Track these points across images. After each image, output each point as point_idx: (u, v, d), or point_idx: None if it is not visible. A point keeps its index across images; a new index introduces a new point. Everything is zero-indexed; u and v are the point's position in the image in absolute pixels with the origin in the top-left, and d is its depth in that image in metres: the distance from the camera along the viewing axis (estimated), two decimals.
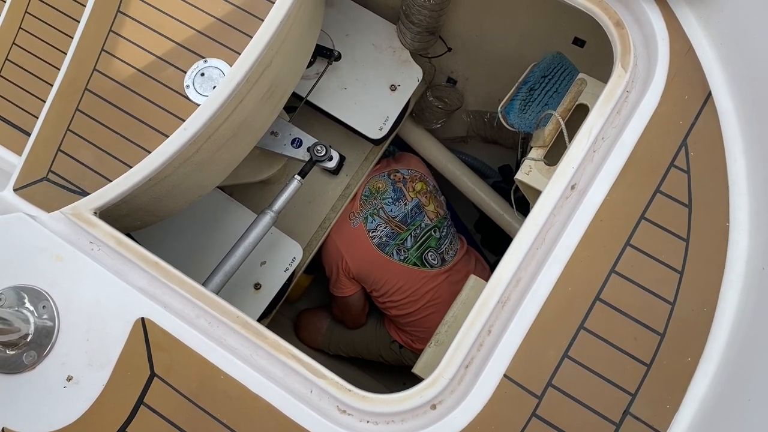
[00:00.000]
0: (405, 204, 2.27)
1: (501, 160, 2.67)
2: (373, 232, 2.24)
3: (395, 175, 2.35)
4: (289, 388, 1.27)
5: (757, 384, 1.08)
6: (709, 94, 1.33)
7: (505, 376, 1.22)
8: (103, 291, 1.32)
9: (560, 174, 1.34)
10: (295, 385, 1.28)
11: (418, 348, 2.38)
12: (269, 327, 2.30)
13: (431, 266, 2.24)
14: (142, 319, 1.30)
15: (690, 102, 1.33)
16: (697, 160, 1.30)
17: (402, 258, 2.22)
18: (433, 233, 2.27)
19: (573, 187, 1.34)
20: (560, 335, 1.23)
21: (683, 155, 1.30)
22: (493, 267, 2.37)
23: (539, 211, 1.32)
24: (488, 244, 2.81)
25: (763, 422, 1.05)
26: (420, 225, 2.26)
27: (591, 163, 1.35)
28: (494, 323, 1.28)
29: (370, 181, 2.32)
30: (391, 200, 2.28)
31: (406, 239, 2.25)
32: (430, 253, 2.25)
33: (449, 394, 1.26)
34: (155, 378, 1.27)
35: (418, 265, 2.23)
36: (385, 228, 2.23)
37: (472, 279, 1.87)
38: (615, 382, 1.20)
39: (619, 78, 1.37)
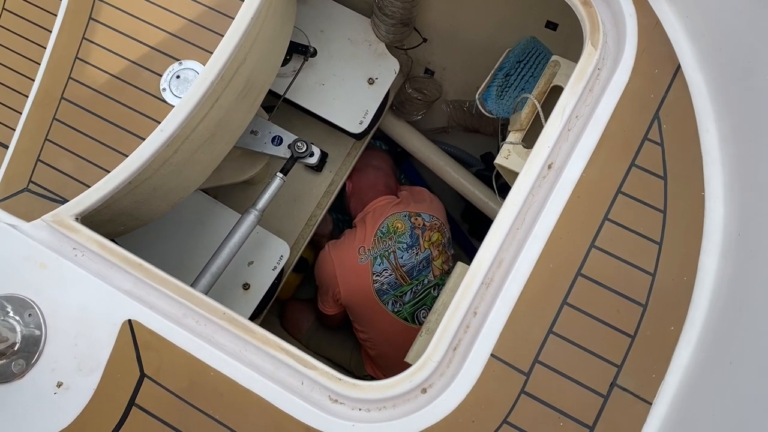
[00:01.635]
0: (416, 253, 2.17)
1: (483, 148, 2.68)
2: (377, 276, 2.13)
3: (416, 219, 2.22)
4: (280, 381, 1.27)
5: (738, 347, 1.10)
6: (678, 66, 1.35)
7: (492, 355, 1.23)
8: (88, 296, 1.32)
9: (536, 154, 1.35)
10: (286, 378, 1.28)
11: None
12: (260, 326, 2.34)
13: (420, 323, 2.20)
14: (129, 321, 1.30)
15: (660, 76, 1.34)
16: (670, 133, 1.31)
17: (395, 310, 2.15)
18: (432, 291, 2.20)
19: (550, 166, 1.36)
20: (544, 312, 1.25)
21: (656, 128, 1.31)
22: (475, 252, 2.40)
23: (517, 192, 1.33)
24: (476, 233, 2.82)
25: (744, 383, 1.07)
26: (423, 281, 2.18)
27: (566, 141, 1.37)
28: (479, 305, 1.29)
29: (390, 217, 2.18)
30: (405, 246, 2.15)
31: (406, 293, 2.16)
32: (422, 311, 2.18)
33: (439, 377, 1.27)
34: (145, 378, 1.27)
35: (408, 321, 2.17)
36: (390, 275, 2.13)
37: (459, 266, 1.87)
38: (601, 354, 1.22)
39: (589, 56, 1.38)
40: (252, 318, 2.15)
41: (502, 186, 2.42)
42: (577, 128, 1.36)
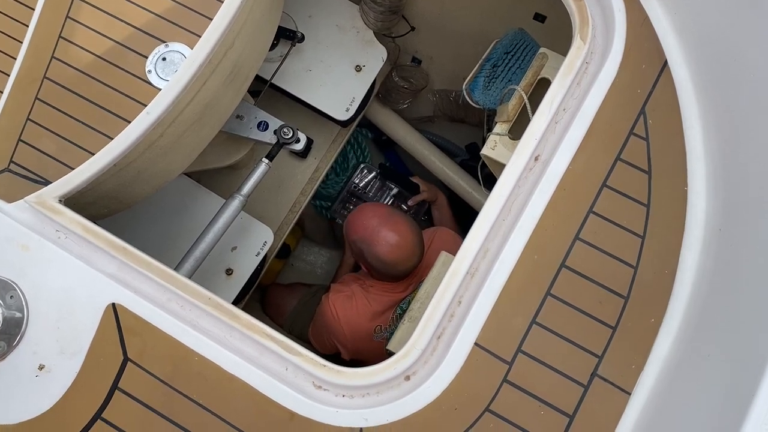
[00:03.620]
0: None
1: (468, 138, 2.68)
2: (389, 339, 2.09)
3: None
4: (265, 366, 1.28)
5: (715, 340, 1.13)
6: (665, 62, 1.36)
7: (476, 344, 1.25)
8: (71, 279, 1.31)
9: (523, 146, 1.36)
10: (270, 364, 1.29)
11: None
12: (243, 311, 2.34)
13: None
14: (113, 304, 1.29)
15: (647, 71, 1.36)
16: (656, 128, 1.33)
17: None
18: None
19: (536, 158, 1.37)
20: (528, 302, 1.26)
21: (642, 123, 1.33)
22: None
23: (504, 183, 1.34)
24: (459, 222, 2.83)
25: (720, 375, 1.10)
26: None
27: (553, 134, 1.38)
28: (464, 294, 1.31)
29: (413, 291, 2.00)
30: None
31: None
32: None
33: (422, 365, 1.28)
34: (129, 362, 1.27)
35: None
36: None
37: (443, 255, 1.89)
38: (582, 345, 1.24)
39: (578, 50, 1.39)
40: (234, 303, 2.12)
41: (487, 176, 2.45)
42: (564, 121, 1.38)
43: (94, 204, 1.58)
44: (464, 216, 2.72)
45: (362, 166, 2.50)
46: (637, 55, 1.37)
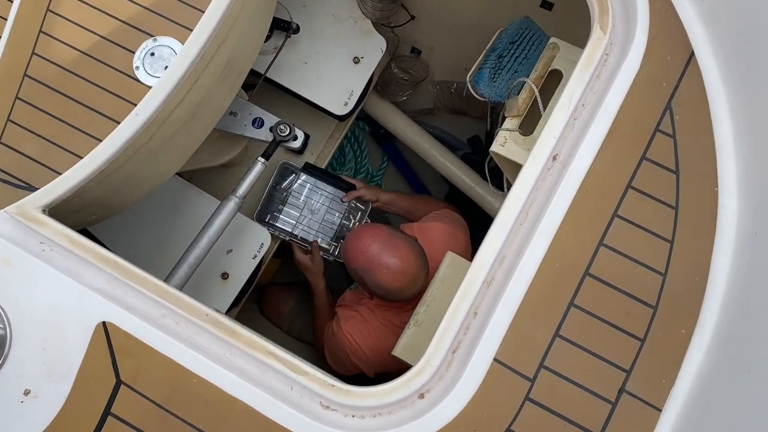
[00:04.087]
0: None
1: (469, 131, 2.60)
2: None
3: None
4: (268, 386, 1.19)
5: (757, 354, 1.05)
6: (692, 53, 1.28)
7: (495, 359, 1.17)
8: (57, 295, 1.23)
9: (541, 145, 1.27)
10: (274, 383, 1.20)
11: None
12: (239, 314, 2.25)
13: None
14: (103, 323, 1.21)
15: (672, 63, 1.28)
16: (683, 124, 1.25)
17: None
18: None
19: (555, 158, 1.28)
20: (550, 314, 1.19)
21: (668, 119, 1.25)
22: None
23: (521, 186, 1.26)
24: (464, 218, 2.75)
25: (764, 392, 1.02)
26: None
27: (572, 131, 1.29)
28: (480, 305, 1.22)
29: None
30: None
31: None
32: None
33: (437, 381, 1.20)
34: (122, 386, 1.18)
35: None
36: None
37: (449, 256, 1.80)
38: (609, 359, 1.17)
39: (597, 41, 1.30)
40: (230, 308, 2.06)
41: (491, 171, 2.36)
42: (584, 118, 1.29)
43: (81, 212, 1.49)
44: (466, 211, 2.64)
45: (281, 163, 2.22)
46: (661, 45, 1.29)
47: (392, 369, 1.89)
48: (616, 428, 1.13)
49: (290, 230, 2.15)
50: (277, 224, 2.14)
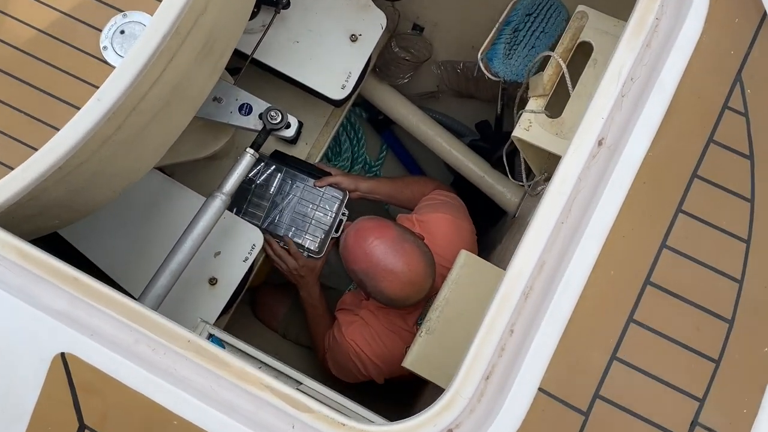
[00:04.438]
0: None
1: (477, 115, 2.43)
2: None
3: None
4: (264, 425, 1.01)
5: None
6: (765, 14, 1.11)
7: (540, 389, 0.99)
8: (5, 321, 1.04)
9: (586, 128, 1.09)
10: (272, 421, 1.02)
11: None
12: (231, 320, 2.07)
13: None
14: (62, 354, 1.02)
15: (741, 26, 1.11)
16: (756, 99, 1.09)
17: None
18: None
19: (600, 143, 1.09)
20: (605, 332, 1.02)
21: (738, 94, 1.09)
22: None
23: (563, 178, 1.07)
24: (471, 213, 2.58)
25: None
26: None
27: (620, 111, 1.10)
28: (517, 321, 1.03)
29: (429, 302, 1.78)
30: None
31: None
32: None
33: (468, 415, 1.01)
34: (86, 431, 0.98)
35: None
36: None
37: (463, 255, 1.62)
38: (677, 386, 1.00)
39: (649, 2, 1.10)
40: (221, 314, 1.87)
41: (499, 159, 2.17)
42: (633, 94, 1.11)
43: (40, 216, 1.30)
44: (472, 201, 2.47)
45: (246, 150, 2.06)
46: (726, 6, 1.11)
47: (402, 373, 1.75)
48: None
49: (258, 224, 1.95)
50: (244, 218, 1.92)
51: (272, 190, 1.98)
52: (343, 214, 1.95)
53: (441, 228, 1.76)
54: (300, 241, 1.95)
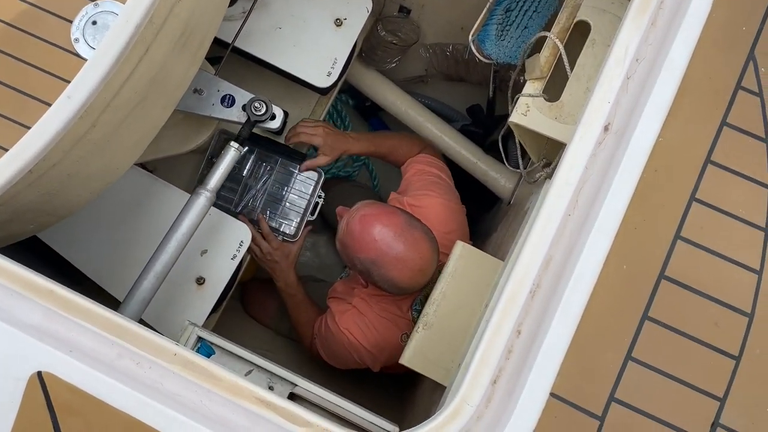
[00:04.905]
0: None
1: (468, 99, 2.39)
2: None
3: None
4: None
5: None
6: None
7: (552, 394, 0.93)
8: None
9: (591, 113, 1.03)
10: None
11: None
12: (220, 318, 2.01)
13: None
14: (39, 373, 0.95)
15: (753, 1, 1.04)
16: None
17: None
18: None
19: (606, 129, 1.02)
20: (619, 330, 0.97)
21: (752, 72, 1.03)
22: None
23: (570, 166, 1.01)
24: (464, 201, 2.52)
25: None
26: None
27: (626, 93, 1.03)
28: (524, 320, 0.97)
29: (422, 289, 1.72)
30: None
31: None
32: None
33: (475, 422, 0.95)
34: None
35: None
36: None
37: (459, 246, 1.57)
38: (696, 385, 0.95)
39: None
40: (209, 314, 1.81)
41: (492, 144, 2.11)
42: (639, 76, 1.04)
43: (13, 222, 1.22)
44: (467, 190, 2.42)
45: (219, 131, 1.96)
46: None
47: (399, 361, 1.70)
48: None
49: (231, 207, 1.89)
50: (217, 203, 1.85)
51: (245, 172, 1.92)
52: (319, 196, 1.90)
53: (435, 214, 1.71)
54: (275, 225, 1.89)
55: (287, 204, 1.94)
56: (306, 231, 1.89)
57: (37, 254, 1.57)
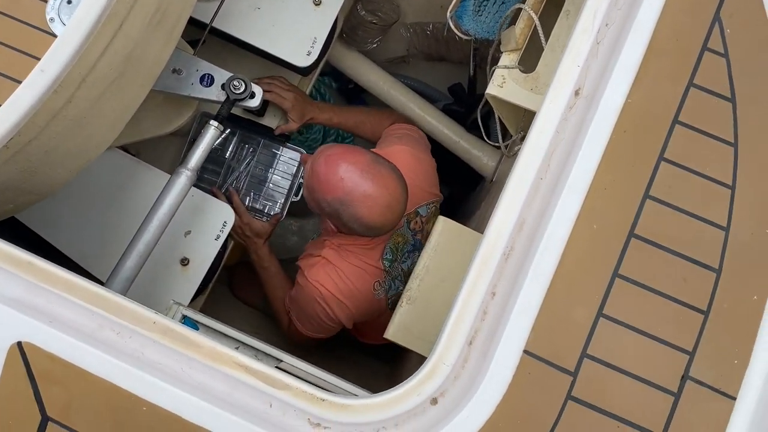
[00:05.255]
0: (418, 254, 1.76)
1: (450, 78, 2.37)
2: (392, 298, 1.73)
3: (415, 223, 1.74)
4: (240, 407, 0.95)
5: None
6: None
7: (525, 351, 0.94)
8: None
9: (561, 78, 1.03)
10: (248, 401, 0.96)
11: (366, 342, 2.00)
12: (211, 303, 2.01)
13: None
14: (19, 343, 0.94)
15: None
16: (736, 39, 1.03)
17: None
18: None
19: (577, 93, 1.03)
20: (590, 288, 0.97)
21: (717, 34, 1.03)
22: (447, 200, 2.06)
23: (540, 131, 1.02)
24: (450, 177, 2.51)
25: None
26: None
27: (596, 58, 1.04)
28: (498, 283, 0.99)
29: (391, 237, 1.69)
30: (407, 254, 1.74)
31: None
32: None
33: (453, 382, 0.96)
34: (49, 423, 0.93)
35: None
36: (400, 285, 1.73)
37: (441, 221, 1.58)
38: (666, 339, 0.96)
39: None
40: (196, 296, 1.81)
41: (474, 122, 2.11)
42: (609, 40, 1.05)
43: None
44: (446, 167, 2.43)
45: (201, 113, 1.93)
46: None
47: (372, 316, 1.72)
48: (682, 425, 0.92)
49: (213, 190, 1.88)
50: (200, 185, 1.84)
51: (228, 154, 1.92)
52: (302, 177, 1.88)
53: (400, 160, 1.64)
54: (260, 207, 1.89)
55: (271, 185, 1.94)
56: (275, 218, 1.89)
57: (19, 239, 1.57)
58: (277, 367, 1.30)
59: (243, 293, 2.28)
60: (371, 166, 1.47)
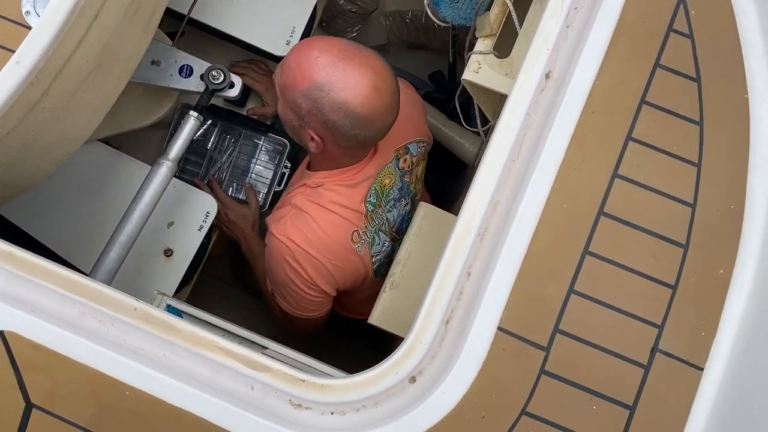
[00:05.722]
0: (405, 203, 1.60)
1: (430, 66, 2.36)
2: (376, 255, 1.55)
3: (404, 161, 1.56)
4: (222, 390, 0.96)
5: None
6: None
7: (499, 328, 0.96)
8: None
9: (531, 61, 1.05)
10: (230, 385, 0.97)
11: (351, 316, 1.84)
12: (193, 293, 2.01)
13: None
14: (2, 332, 0.95)
15: None
16: (700, 20, 1.04)
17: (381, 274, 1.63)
18: None
19: (548, 76, 1.05)
20: (561, 266, 0.99)
21: (682, 15, 1.04)
22: (430, 187, 2.07)
23: (512, 112, 1.03)
24: (437, 169, 2.52)
25: None
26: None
27: (566, 42, 1.06)
28: (473, 263, 1.01)
29: (378, 176, 1.50)
30: (393, 202, 1.56)
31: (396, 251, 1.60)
32: None
33: (430, 360, 0.99)
34: (33, 410, 0.94)
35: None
36: (387, 246, 1.56)
37: (423, 207, 1.59)
38: (636, 314, 0.98)
39: None
40: (181, 286, 1.81)
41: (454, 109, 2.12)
42: (578, 23, 1.06)
43: None
44: (436, 160, 2.44)
45: (182, 104, 1.88)
46: None
47: (355, 280, 1.54)
48: (653, 396, 0.94)
49: (195, 180, 1.88)
50: (182, 176, 1.84)
51: (209, 145, 1.91)
52: (285, 167, 1.89)
53: (392, 82, 1.39)
54: (242, 197, 1.90)
55: (253, 175, 1.94)
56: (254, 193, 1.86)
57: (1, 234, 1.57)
58: (262, 353, 1.31)
59: (244, 272, 2.14)
60: (349, 45, 1.26)
